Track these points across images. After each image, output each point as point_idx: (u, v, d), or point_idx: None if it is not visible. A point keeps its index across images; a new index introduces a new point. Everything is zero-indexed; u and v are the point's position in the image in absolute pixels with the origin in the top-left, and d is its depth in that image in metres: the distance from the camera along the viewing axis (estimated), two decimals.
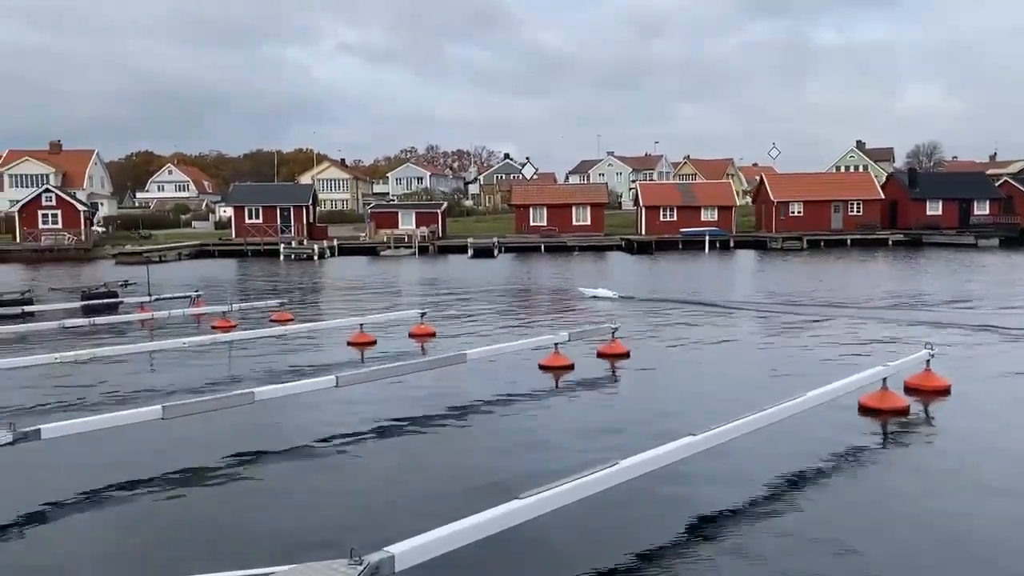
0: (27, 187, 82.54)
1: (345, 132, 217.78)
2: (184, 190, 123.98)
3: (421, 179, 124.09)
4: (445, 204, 75.65)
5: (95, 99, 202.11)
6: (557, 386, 13.06)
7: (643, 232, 67.43)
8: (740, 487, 7.89)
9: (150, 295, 23.65)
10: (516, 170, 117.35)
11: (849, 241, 62.91)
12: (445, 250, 64.09)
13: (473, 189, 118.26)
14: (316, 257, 57.89)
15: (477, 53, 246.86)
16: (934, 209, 68.17)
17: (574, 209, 68.73)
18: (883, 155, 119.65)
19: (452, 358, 12.33)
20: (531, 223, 68.48)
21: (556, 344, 13.98)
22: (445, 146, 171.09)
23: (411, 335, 18.25)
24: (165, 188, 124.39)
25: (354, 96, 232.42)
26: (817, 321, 20.23)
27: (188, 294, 24.49)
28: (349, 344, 17.16)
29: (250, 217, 66.41)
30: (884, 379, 10.62)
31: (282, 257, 57.73)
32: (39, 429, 8.36)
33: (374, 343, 17.21)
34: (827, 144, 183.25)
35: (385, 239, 64.99)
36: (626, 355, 14.95)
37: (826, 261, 47.09)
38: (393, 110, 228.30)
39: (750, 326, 20.17)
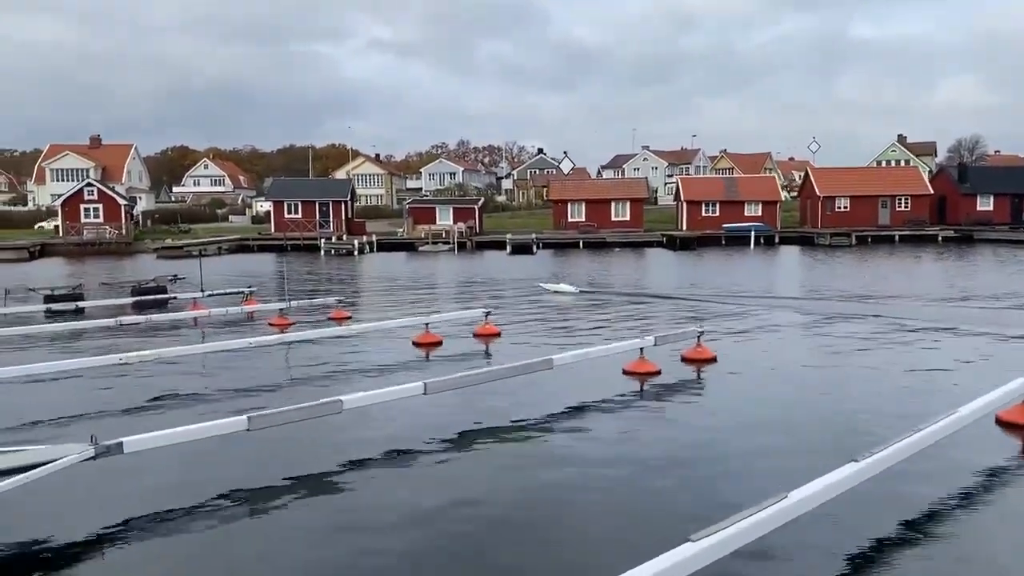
0: (67, 181, 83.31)
1: (375, 128, 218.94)
2: (220, 184, 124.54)
3: (454, 174, 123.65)
4: (482, 200, 74.95)
5: (130, 95, 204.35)
6: (642, 392, 12.29)
7: (684, 228, 66.25)
8: (899, 510, 7.10)
9: (202, 290, 23.19)
10: (550, 165, 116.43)
11: (897, 237, 61.26)
12: (482, 246, 63.45)
13: (506, 184, 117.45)
14: (356, 252, 57.53)
15: (507, 48, 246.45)
16: (985, 204, 66.29)
17: (613, 205, 67.73)
18: (925, 149, 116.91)
19: (538, 364, 11.57)
20: (569, 219, 67.58)
21: (641, 348, 13.20)
22: (476, 141, 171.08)
23: (476, 335, 17.56)
24: (201, 183, 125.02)
25: (384, 92, 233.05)
26: (917, 331, 19.22)
27: (241, 290, 24.00)
28: (414, 344, 16.50)
29: (289, 212, 66.20)
30: None
31: (322, 252, 57.42)
32: (121, 443, 7.75)
33: (440, 343, 16.54)
34: (860, 139, 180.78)
35: (423, 235, 64.51)
36: (713, 360, 14.13)
37: (883, 257, 45.68)
38: (423, 106, 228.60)
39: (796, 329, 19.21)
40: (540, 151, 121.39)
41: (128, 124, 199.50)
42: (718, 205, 66.87)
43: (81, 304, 21.95)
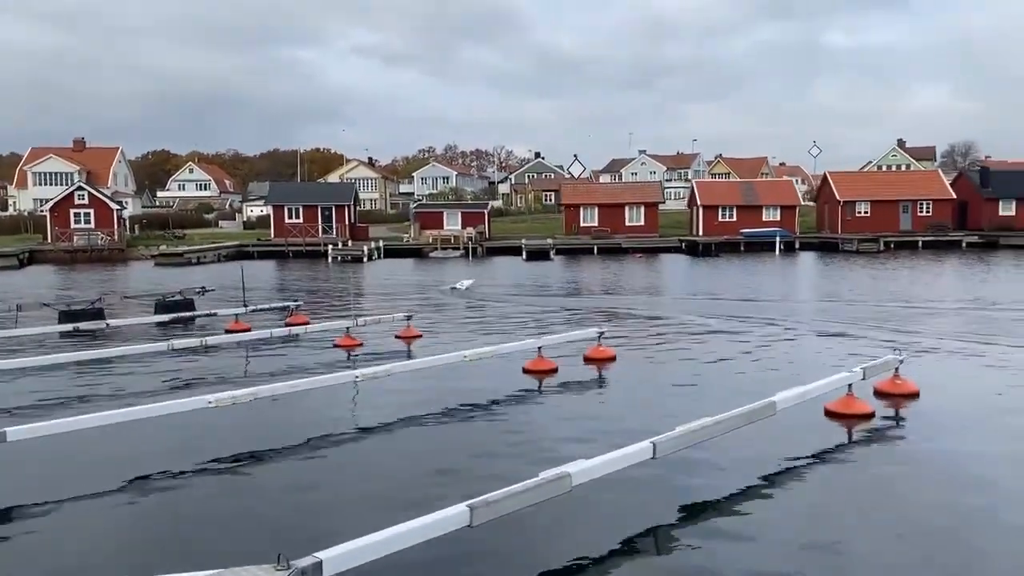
0: (51, 185, 79.70)
1: (360, 133, 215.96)
2: (205, 189, 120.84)
3: (447, 178, 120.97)
4: (490, 204, 72.40)
5: (111, 100, 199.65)
6: (850, 436, 9.84)
7: (700, 233, 64.10)
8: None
9: (245, 305, 20.43)
10: (548, 169, 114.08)
11: (920, 243, 59.51)
12: (493, 252, 60.92)
13: (503, 189, 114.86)
14: (364, 259, 54.75)
15: (491, 55, 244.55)
16: (1007, 209, 64.67)
17: (627, 209, 65.43)
18: (925, 154, 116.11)
19: (761, 409, 9.04)
20: (582, 223, 65.21)
21: (849, 385, 10.74)
22: (463, 146, 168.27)
23: (587, 359, 15.07)
24: (186, 187, 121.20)
25: (368, 98, 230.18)
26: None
27: (285, 303, 21.31)
28: (526, 372, 13.94)
29: (290, 217, 63.21)
30: None
31: (330, 259, 54.54)
32: (320, 562, 5.16)
33: (555, 371, 13.99)
34: (840, 145, 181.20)
35: (431, 240, 61.86)
36: (915, 395, 11.70)
37: (922, 263, 43.65)
38: (407, 111, 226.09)
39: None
40: (538, 155, 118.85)
41: (106, 128, 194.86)
42: (735, 210, 64.80)
43: (107, 322, 19.11)
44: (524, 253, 56.36)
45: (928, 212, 64.28)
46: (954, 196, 65.06)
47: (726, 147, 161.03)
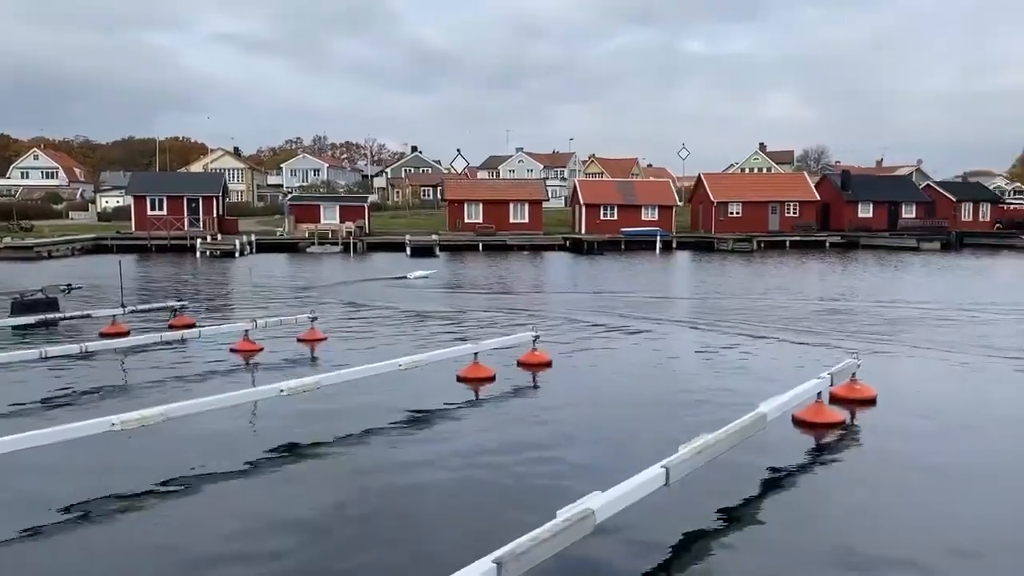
0: None
1: (223, 122, 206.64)
2: (53, 177, 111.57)
3: (318, 171, 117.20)
4: (371, 198, 70.22)
5: None
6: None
7: (582, 231, 64.49)
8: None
9: (123, 306, 18.15)
10: (426, 164, 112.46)
11: (788, 243, 62.18)
12: (375, 247, 59.03)
13: (379, 183, 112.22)
14: (237, 253, 51.63)
15: (358, 47, 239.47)
16: (865, 211, 68.65)
17: (512, 206, 64.97)
18: (784, 157, 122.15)
19: (755, 423, 8.30)
20: (466, 220, 64.21)
21: (819, 394, 10.24)
22: (333, 138, 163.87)
23: (522, 364, 14.11)
24: (30, 175, 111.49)
25: (231, 86, 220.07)
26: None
27: (169, 304, 19.15)
28: (460, 380, 12.80)
29: (153, 208, 58.87)
30: None
31: (198, 253, 51.07)
32: None
33: (492, 379, 12.92)
34: (706, 147, 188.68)
35: (308, 235, 59.22)
36: (872, 402, 11.40)
37: (795, 262, 45.32)
38: (272, 101, 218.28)
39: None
40: (414, 149, 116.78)
41: None
42: (616, 209, 65.59)
43: None
44: (408, 249, 54.77)
45: (795, 213, 67.27)
46: (818, 198, 68.43)
47: (599, 147, 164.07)
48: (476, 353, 13.03)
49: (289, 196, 72.73)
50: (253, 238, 56.67)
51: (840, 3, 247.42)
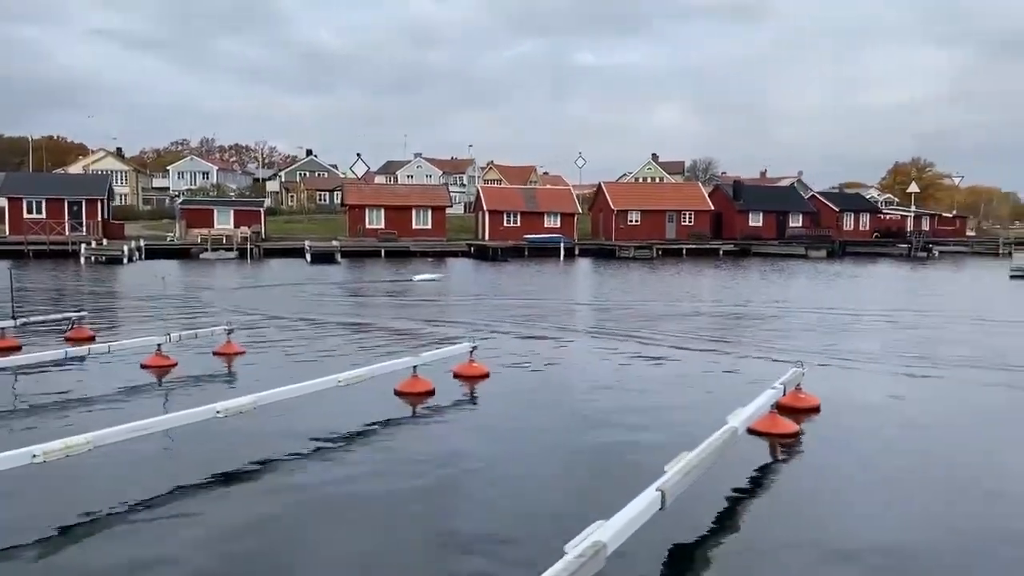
0: None
1: (102, 122, 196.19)
2: None
3: (207, 173, 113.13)
4: (267, 202, 67.96)
5: None
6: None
7: (486, 237, 64.34)
8: None
9: (14, 318, 16.57)
10: (322, 168, 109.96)
11: (684, 250, 63.89)
12: (272, 253, 57.16)
13: (272, 186, 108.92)
14: (125, 260, 48.87)
15: (246, 47, 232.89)
16: (756, 221, 71.36)
17: (414, 212, 64.19)
18: (675, 167, 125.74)
19: (731, 438, 8.16)
20: (367, 225, 62.99)
21: (774, 405, 10.25)
22: (222, 140, 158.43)
23: (458, 376, 13.66)
24: None
25: (110, 84, 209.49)
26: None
27: (66, 315, 17.67)
28: (398, 393, 12.24)
29: (30, 211, 55.11)
30: None
31: (83, 259, 48.07)
32: None
33: (432, 392, 12.42)
34: (599, 157, 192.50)
35: (200, 240, 56.75)
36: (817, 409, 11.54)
37: (696, 268, 46.50)
38: (155, 101, 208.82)
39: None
40: (309, 152, 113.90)
41: None
42: (519, 216, 65.79)
43: None
44: (308, 256, 53.29)
45: (690, 222, 69.25)
46: (712, 207, 70.66)
47: (497, 154, 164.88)
48: (415, 367, 12.51)
49: (180, 199, 69.55)
50: (142, 243, 53.87)
51: (723, 18, 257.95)
